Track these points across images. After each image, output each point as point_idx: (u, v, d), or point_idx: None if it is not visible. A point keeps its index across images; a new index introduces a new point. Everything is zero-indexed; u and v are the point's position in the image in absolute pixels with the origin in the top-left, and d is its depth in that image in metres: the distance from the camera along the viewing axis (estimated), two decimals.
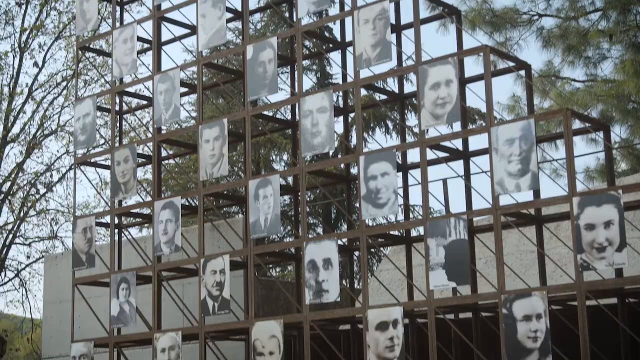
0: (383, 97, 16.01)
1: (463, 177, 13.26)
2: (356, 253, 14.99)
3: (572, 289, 10.58)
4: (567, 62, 19.62)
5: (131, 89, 16.59)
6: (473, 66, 17.91)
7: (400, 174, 13.78)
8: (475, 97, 12.65)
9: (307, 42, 24.08)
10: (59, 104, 28.54)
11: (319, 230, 28.44)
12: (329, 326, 14.63)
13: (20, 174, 28.11)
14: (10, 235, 28.29)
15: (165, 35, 15.99)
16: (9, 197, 28.04)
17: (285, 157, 28.76)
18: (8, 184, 27.95)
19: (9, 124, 27.94)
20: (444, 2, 14.22)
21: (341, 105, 16.66)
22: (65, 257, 18.36)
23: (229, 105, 27.92)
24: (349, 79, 13.88)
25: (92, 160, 17.29)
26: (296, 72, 14.16)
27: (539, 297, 10.57)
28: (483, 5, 19.94)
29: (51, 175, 28.57)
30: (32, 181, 28.34)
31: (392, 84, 18.51)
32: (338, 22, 16.07)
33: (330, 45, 17.18)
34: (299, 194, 13.82)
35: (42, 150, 29.06)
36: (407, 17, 13.61)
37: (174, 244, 14.16)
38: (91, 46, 18.20)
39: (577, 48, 19.17)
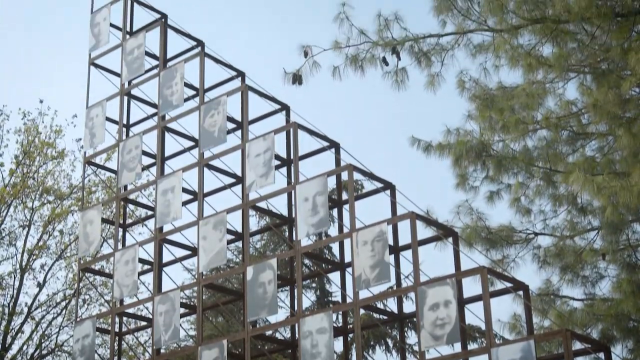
0: (383, 316, 16.01)
1: None
2: None
3: None
4: (565, 280, 19.66)
5: (131, 310, 16.61)
6: (471, 284, 17.92)
7: None
8: (474, 315, 12.70)
9: (306, 261, 24.27)
10: (57, 324, 28.38)
11: None
12: None
13: None
14: None
15: (166, 257, 16.18)
16: None
17: None
18: None
19: (7, 344, 27.66)
20: (440, 223, 14.48)
21: (340, 324, 16.63)
22: None
23: (229, 323, 27.78)
24: (349, 300, 13.95)
25: None
26: (296, 292, 14.25)
27: None
28: (478, 222, 20.07)
29: None
30: None
31: (391, 303, 18.54)
32: (337, 242, 16.30)
33: (329, 267, 17.33)
34: None
35: None
36: (405, 238, 13.84)
37: None
38: (92, 267, 18.33)
39: (574, 267, 19.28)
